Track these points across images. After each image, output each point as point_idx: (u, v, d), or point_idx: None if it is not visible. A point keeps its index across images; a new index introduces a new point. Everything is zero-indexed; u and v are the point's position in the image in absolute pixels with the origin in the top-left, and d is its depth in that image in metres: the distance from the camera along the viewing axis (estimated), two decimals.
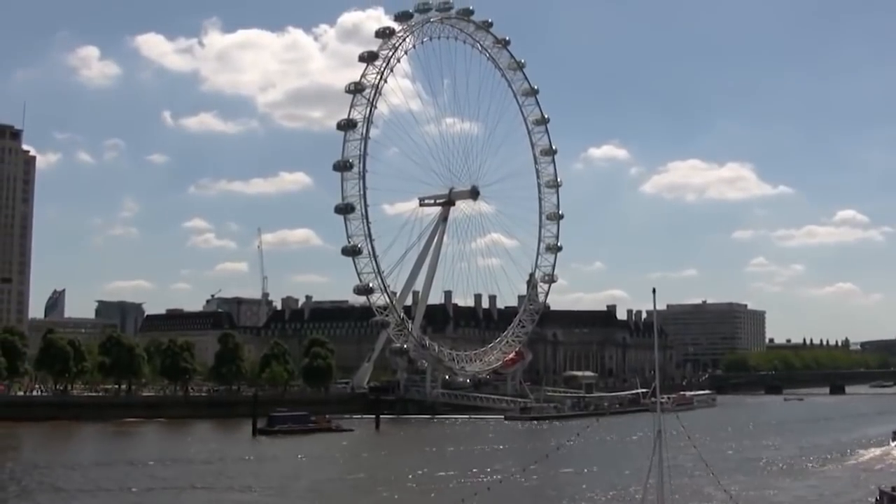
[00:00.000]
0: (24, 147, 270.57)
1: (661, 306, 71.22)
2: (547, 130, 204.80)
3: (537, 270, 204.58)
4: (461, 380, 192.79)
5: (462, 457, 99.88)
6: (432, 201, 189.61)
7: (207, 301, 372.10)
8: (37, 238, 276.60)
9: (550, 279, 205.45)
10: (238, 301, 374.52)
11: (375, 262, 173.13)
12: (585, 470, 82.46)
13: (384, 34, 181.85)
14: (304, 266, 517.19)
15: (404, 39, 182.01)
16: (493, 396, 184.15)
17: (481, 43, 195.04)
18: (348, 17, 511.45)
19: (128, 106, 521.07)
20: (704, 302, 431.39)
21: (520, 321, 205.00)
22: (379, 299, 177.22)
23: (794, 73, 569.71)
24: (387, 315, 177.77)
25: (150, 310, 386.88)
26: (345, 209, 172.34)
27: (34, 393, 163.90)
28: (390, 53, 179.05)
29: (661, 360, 60.12)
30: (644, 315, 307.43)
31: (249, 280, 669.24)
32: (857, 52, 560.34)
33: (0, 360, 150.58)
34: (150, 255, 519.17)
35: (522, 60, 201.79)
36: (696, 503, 62.03)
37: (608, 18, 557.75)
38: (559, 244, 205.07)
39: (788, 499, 70.14)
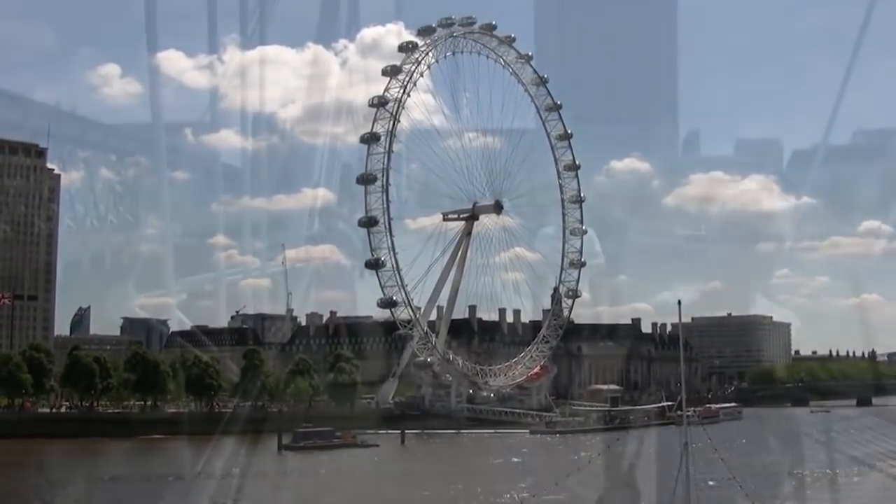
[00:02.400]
0: (49, 165, 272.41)
1: (685, 319, 70.90)
2: (570, 146, 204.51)
3: (561, 285, 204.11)
4: (486, 394, 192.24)
5: (491, 471, 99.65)
6: (456, 216, 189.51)
7: (232, 317, 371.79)
8: (62, 255, 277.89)
9: (574, 294, 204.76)
10: (262, 317, 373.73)
11: (399, 275, 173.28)
12: (614, 483, 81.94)
13: (407, 48, 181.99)
14: (328, 282, 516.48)
15: (427, 54, 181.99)
16: (518, 411, 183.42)
17: (504, 58, 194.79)
18: (368, 33, 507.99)
19: (149, 123, 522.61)
20: (729, 314, 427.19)
21: (544, 336, 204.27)
22: (402, 313, 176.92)
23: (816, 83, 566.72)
24: (411, 329, 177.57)
25: (174, 326, 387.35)
26: (368, 222, 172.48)
27: (63, 409, 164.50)
28: (413, 68, 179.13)
29: (686, 372, 59.70)
30: (669, 328, 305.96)
31: (273, 296, 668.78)
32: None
33: (26, 377, 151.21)
34: (174, 271, 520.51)
35: (545, 76, 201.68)
36: None
37: (629, 31, 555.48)
38: (583, 259, 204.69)
39: None
